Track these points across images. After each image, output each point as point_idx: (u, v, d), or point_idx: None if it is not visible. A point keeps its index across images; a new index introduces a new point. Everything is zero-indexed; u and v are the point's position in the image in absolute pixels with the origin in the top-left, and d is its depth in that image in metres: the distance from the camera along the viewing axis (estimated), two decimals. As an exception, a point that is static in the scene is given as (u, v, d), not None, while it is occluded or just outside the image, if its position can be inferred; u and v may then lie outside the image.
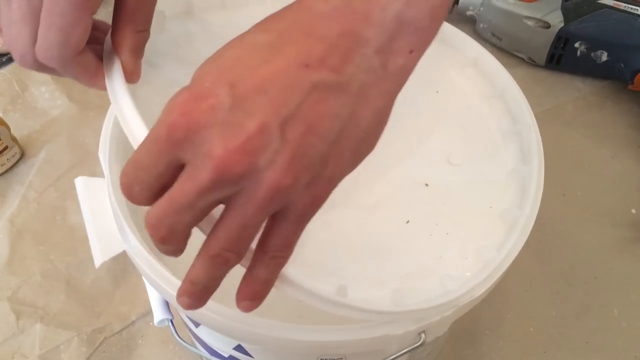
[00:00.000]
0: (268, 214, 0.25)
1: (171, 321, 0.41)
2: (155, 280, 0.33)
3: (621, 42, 0.70)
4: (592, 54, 0.72)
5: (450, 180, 0.39)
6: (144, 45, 0.33)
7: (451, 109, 0.43)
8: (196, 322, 0.39)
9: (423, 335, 0.33)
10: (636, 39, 0.69)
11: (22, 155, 0.67)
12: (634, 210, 0.63)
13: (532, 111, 0.41)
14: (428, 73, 0.45)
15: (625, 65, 0.70)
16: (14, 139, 0.65)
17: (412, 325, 0.32)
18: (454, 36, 0.46)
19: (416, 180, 0.38)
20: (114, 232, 0.36)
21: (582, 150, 0.68)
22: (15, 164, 0.66)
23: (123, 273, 0.58)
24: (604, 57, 0.71)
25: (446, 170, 0.39)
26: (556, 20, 0.71)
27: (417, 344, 0.33)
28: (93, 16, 0.30)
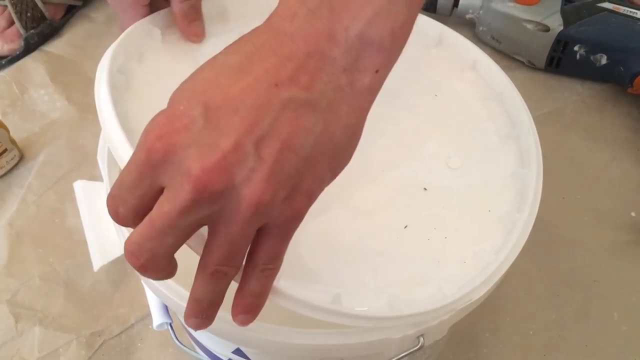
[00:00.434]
0: (253, 228, 0.25)
1: (170, 325, 0.40)
2: (154, 284, 0.33)
3: (620, 46, 0.70)
4: (592, 57, 0.72)
5: (449, 184, 0.39)
6: (195, 10, 0.40)
7: (450, 113, 0.43)
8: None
9: (422, 339, 0.33)
10: (635, 42, 0.69)
11: (21, 157, 0.67)
12: (633, 214, 0.63)
13: (532, 114, 0.41)
14: (427, 76, 0.45)
15: (625, 69, 0.70)
16: (13, 142, 0.65)
17: (411, 328, 0.32)
18: (453, 39, 0.46)
19: (414, 184, 0.38)
20: (113, 236, 0.36)
21: (582, 153, 0.68)
22: (15, 166, 0.66)
23: (122, 276, 0.58)
24: (604, 61, 0.71)
25: (445, 174, 0.39)
26: (556, 24, 0.71)
27: (416, 348, 0.33)
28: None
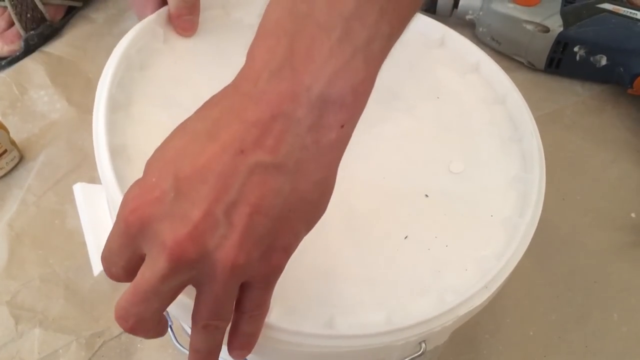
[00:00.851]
0: (235, 286, 0.27)
1: (170, 326, 0.40)
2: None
3: (620, 47, 0.70)
4: (592, 58, 0.72)
5: (451, 189, 0.38)
6: (187, 4, 0.42)
7: (452, 115, 0.43)
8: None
9: (423, 345, 0.33)
10: (635, 43, 0.69)
11: (21, 158, 0.66)
12: (633, 215, 0.63)
13: (532, 115, 0.41)
14: (429, 78, 0.45)
15: (625, 70, 0.70)
16: (13, 143, 0.65)
17: (413, 335, 0.32)
18: (456, 41, 0.46)
19: (415, 190, 0.38)
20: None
21: (582, 154, 0.68)
22: (14, 167, 0.66)
23: (122, 277, 0.58)
24: (604, 62, 0.71)
25: (446, 179, 0.39)
26: (555, 25, 0.71)
27: (418, 354, 0.33)
28: None
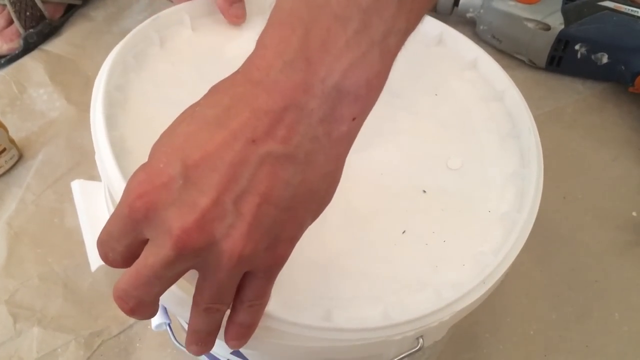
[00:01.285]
0: (238, 275, 0.26)
1: (169, 325, 0.40)
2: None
3: (622, 45, 0.70)
4: (593, 56, 0.71)
5: (449, 185, 0.38)
6: None
7: (450, 112, 0.42)
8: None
9: (421, 340, 0.33)
10: (637, 41, 0.69)
11: (20, 157, 0.66)
12: (634, 213, 0.63)
13: (532, 113, 0.41)
14: (427, 75, 0.44)
15: (626, 68, 0.70)
16: (12, 141, 0.65)
17: (410, 330, 0.32)
18: (454, 38, 0.46)
19: (414, 186, 0.38)
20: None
21: (583, 152, 0.68)
22: (13, 166, 0.66)
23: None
24: (605, 60, 0.71)
25: (445, 175, 0.39)
26: (556, 22, 0.71)
27: (416, 349, 0.33)
28: None
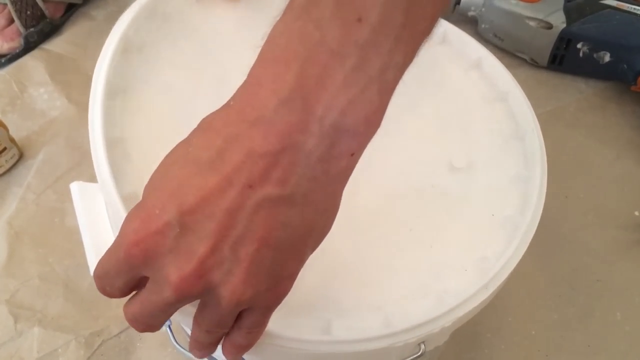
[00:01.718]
0: (239, 311, 0.27)
1: (169, 327, 0.40)
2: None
3: (624, 43, 0.69)
4: (595, 55, 0.71)
5: (452, 188, 0.38)
6: None
7: (453, 112, 0.42)
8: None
9: (423, 346, 0.33)
10: (639, 40, 0.69)
11: (21, 156, 0.66)
12: (637, 213, 0.63)
13: (534, 112, 0.41)
14: (430, 75, 0.44)
15: (628, 67, 0.70)
16: (12, 140, 0.64)
17: (412, 336, 0.31)
18: (458, 37, 0.46)
19: (416, 188, 0.38)
20: (109, 238, 0.36)
21: (585, 152, 0.68)
22: (14, 165, 0.65)
23: (122, 276, 0.57)
24: (607, 58, 0.71)
25: (448, 177, 0.38)
26: (558, 21, 0.70)
27: (417, 355, 0.33)
28: None
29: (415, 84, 0.43)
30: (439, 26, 0.46)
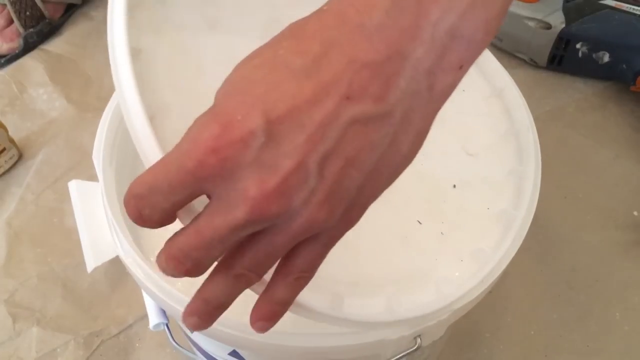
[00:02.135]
0: (298, 241, 0.24)
1: (167, 325, 0.40)
2: (148, 286, 0.33)
3: (623, 43, 0.69)
4: (594, 55, 0.71)
5: (448, 180, 0.38)
6: None
7: (449, 108, 0.42)
8: (191, 327, 0.39)
9: (419, 340, 0.33)
10: (638, 39, 0.69)
11: (20, 157, 0.66)
12: (636, 213, 0.63)
13: (533, 112, 0.41)
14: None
15: (627, 67, 0.70)
16: (11, 141, 0.65)
17: (407, 330, 0.32)
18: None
19: (413, 181, 0.38)
20: (107, 237, 0.36)
21: (584, 152, 0.68)
22: (13, 165, 0.66)
23: (120, 276, 0.58)
24: (606, 58, 0.71)
25: (444, 170, 0.39)
26: (557, 21, 0.70)
27: (413, 349, 0.33)
28: None
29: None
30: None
